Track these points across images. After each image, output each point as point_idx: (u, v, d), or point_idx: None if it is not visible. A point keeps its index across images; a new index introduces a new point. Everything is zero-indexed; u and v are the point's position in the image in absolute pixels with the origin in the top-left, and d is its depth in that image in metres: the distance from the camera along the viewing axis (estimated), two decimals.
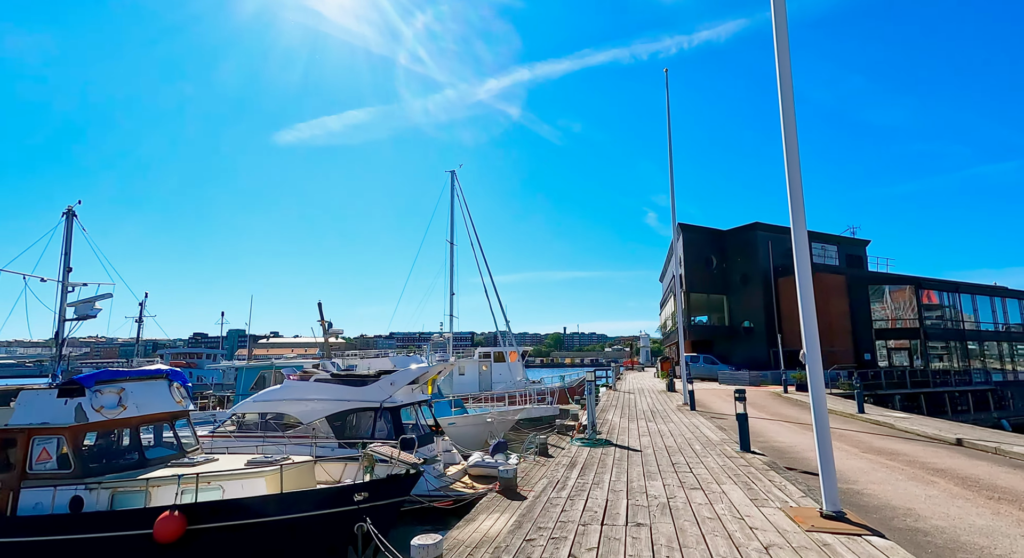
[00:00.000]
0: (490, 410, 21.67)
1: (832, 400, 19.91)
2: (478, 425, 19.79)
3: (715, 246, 38.48)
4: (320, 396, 13.95)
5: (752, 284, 36.58)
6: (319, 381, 14.33)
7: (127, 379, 9.56)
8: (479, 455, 14.30)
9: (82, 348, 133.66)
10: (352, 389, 13.91)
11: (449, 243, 28.39)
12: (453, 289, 27.93)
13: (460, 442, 19.61)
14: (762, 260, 36.32)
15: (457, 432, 19.60)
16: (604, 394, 24.13)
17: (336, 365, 24.89)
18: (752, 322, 36.49)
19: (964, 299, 34.82)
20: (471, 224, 28.13)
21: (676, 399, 20.69)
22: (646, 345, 73.48)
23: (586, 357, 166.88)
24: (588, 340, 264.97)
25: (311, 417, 13.76)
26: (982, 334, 35.15)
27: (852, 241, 40.59)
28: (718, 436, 11.07)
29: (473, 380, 36.87)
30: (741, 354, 36.43)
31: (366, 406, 13.60)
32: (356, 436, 13.49)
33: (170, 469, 8.77)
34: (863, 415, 14.99)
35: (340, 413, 13.68)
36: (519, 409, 20.56)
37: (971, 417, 25.35)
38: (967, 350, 33.81)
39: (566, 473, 7.67)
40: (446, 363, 15.25)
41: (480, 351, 38.43)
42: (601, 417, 14.75)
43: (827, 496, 5.09)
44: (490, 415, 19.87)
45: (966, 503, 5.93)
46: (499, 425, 20.04)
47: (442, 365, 15.15)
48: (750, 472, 7.46)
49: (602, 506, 5.80)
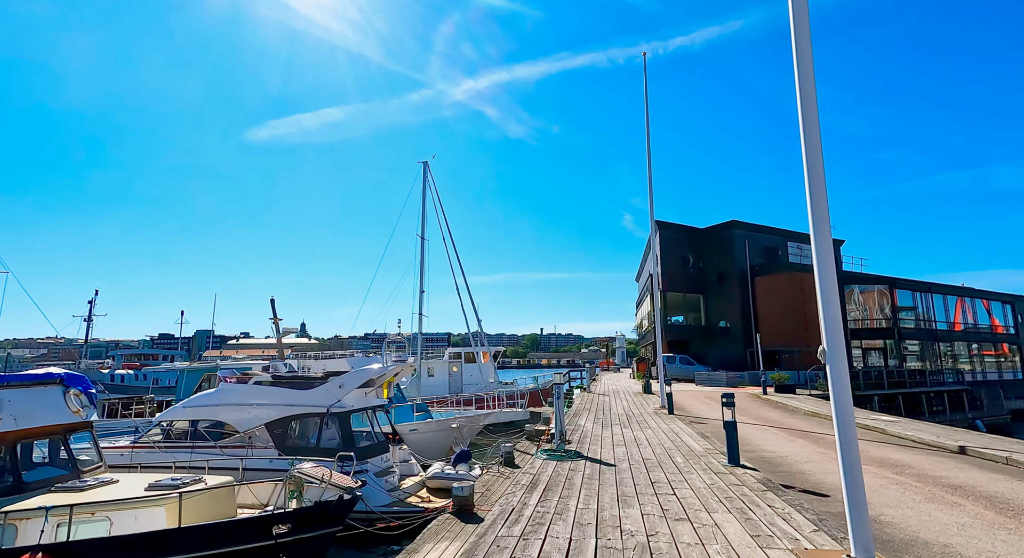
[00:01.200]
0: (456, 414, 20.33)
1: (812, 402, 19.15)
2: (442, 431, 18.42)
3: (692, 244, 37.83)
4: (259, 401, 12.44)
5: (729, 283, 36.01)
6: (259, 384, 12.80)
7: (4, 385, 7.94)
8: (439, 465, 13.00)
9: (39, 349, 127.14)
10: (295, 393, 12.44)
11: (420, 238, 26.95)
12: (423, 286, 26.48)
13: (423, 450, 18.21)
14: (739, 259, 35.77)
15: (419, 439, 18.20)
16: (578, 396, 23.01)
17: (288, 367, 23.21)
18: (729, 322, 35.92)
19: (936, 299, 34.84)
20: (443, 218, 26.77)
21: (653, 402, 19.66)
22: (622, 346, 73.13)
23: (563, 358, 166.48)
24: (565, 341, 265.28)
25: (248, 425, 12.25)
26: (952, 334, 35.25)
27: None
28: (701, 445, 9.96)
29: (443, 382, 35.38)
30: (717, 354, 35.81)
31: (311, 412, 12.18)
32: (300, 445, 12.05)
33: (52, 496, 7.21)
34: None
35: (281, 420, 12.21)
36: (486, 413, 19.27)
37: (947, 418, 25.03)
38: (939, 350, 33.81)
39: (524, 497, 6.40)
40: (404, 364, 13.86)
41: (450, 351, 36.99)
42: (572, 422, 13.56)
43: (857, 539, 3.93)
44: (455, 420, 18.53)
45: (1010, 535, 4.87)
46: (465, 431, 18.71)
47: (400, 367, 13.76)
48: (744, 494, 6.31)
49: (563, 549, 4.53)
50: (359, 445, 11.99)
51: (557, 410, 8.83)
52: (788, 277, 33.87)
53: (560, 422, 8.73)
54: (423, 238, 26.77)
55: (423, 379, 34.91)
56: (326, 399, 12.24)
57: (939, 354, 33.64)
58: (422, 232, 26.82)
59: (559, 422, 8.77)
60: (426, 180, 27.31)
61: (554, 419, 8.88)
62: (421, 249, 26.75)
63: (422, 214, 26.98)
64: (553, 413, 15.87)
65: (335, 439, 11.98)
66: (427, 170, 27.48)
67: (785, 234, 38.22)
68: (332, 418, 12.08)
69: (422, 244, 26.76)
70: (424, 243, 26.72)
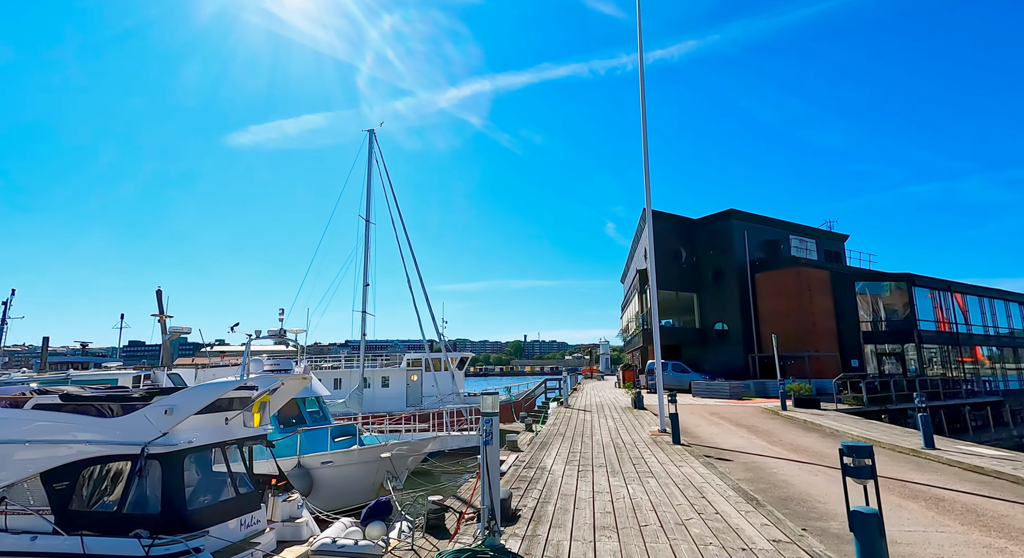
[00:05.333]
0: (391, 440, 15.77)
1: (850, 422, 14.97)
2: (368, 463, 13.84)
3: (685, 237, 33.79)
4: (32, 437, 7.78)
5: (726, 280, 31.99)
6: (39, 408, 8.14)
7: None
8: (339, 527, 8.60)
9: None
10: (93, 423, 7.80)
11: (364, 220, 22.34)
12: (367, 278, 21.86)
13: (341, 491, 13.56)
14: (737, 252, 31.80)
15: (336, 476, 13.58)
16: (553, 413, 18.59)
17: (177, 378, 18.42)
18: (727, 324, 31.85)
19: (955, 299, 31.22)
20: (392, 197, 22.23)
21: (647, 421, 15.34)
22: (606, 353, 69.14)
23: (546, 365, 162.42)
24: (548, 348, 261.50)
25: (16, 475, 7.63)
26: (973, 338, 31.65)
27: (830, 235, 36.77)
28: (756, 525, 5.57)
29: (399, 394, 30.68)
30: (714, 360, 31.70)
31: (116, 453, 7.55)
32: (93, 511, 7.46)
33: None
34: (934, 453, 9.89)
35: (65, 468, 7.57)
36: (429, 438, 14.76)
37: (991, 435, 21.16)
38: (961, 356, 30.15)
39: None
40: (292, 376, 9.29)
41: (409, 358, 32.34)
42: (534, 461, 9.12)
43: None
44: (387, 447, 13.99)
45: None
46: (400, 462, 14.16)
47: (283, 381, 9.21)
48: None
49: None
50: (197, 503, 7.56)
51: (485, 474, 4.51)
52: (793, 273, 29.95)
53: (491, 494, 4.44)
54: (368, 220, 22.17)
55: (375, 391, 30.22)
56: (142, 432, 7.61)
57: (961, 360, 29.98)
58: (367, 214, 22.23)
59: (489, 494, 4.48)
60: (372, 152, 22.79)
61: (480, 485, 4.58)
62: (366, 233, 22.15)
63: (367, 191, 22.39)
64: (526, 428, 11.65)
65: (152, 498, 7.40)
66: (373, 139, 22.95)
67: (787, 226, 34.42)
68: (153, 462, 7.50)
69: (367, 228, 22.16)
70: (369, 226, 22.15)
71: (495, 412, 4.92)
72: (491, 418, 4.85)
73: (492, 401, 4.95)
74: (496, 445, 4.88)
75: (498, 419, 4.94)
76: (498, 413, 4.95)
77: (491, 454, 4.80)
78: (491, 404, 4.92)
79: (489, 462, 4.78)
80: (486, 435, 4.81)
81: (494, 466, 4.84)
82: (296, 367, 10.26)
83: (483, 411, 4.92)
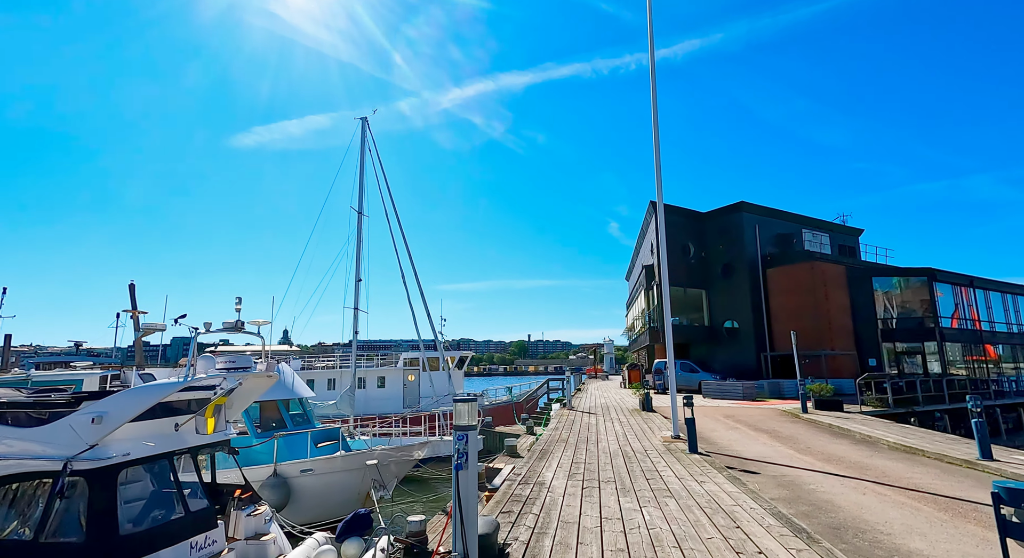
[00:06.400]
0: (379, 445, 14.55)
1: (883, 426, 13.67)
2: (352, 471, 12.62)
3: (693, 231, 32.43)
4: None
5: (737, 276, 30.62)
6: None
7: None
8: (311, 545, 7.52)
9: None
10: (6, 433, 6.62)
11: (356, 212, 21.15)
12: (360, 274, 20.67)
13: (321, 501, 12.36)
14: (748, 247, 30.44)
15: (316, 485, 12.37)
16: (555, 415, 17.34)
17: (149, 378, 17.22)
18: (737, 321, 30.49)
19: (978, 295, 29.79)
20: (386, 186, 21.01)
21: (657, 425, 14.08)
22: (610, 352, 67.90)
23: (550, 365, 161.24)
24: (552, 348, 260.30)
25: None
26: (996, 336, 30.19)
27: (844, 229, 35.33)
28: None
29: (395, 395, 29.45)
30: (724, 359, 30.36)
31: (33, 470, 6.37)
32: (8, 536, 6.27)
33: None
34: (994, 464, 8.60)
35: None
36: (419, 444, 13.53)
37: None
38: (985, 355, 28.72)
39: None
40: (254, 375, 8.04)
41: (406, 357, 31.12)
42: (531, 473, 7.89)
43: None
44: (374, 454, 12.77)
45: None
46: (388, 470, 12.96)
47: (244, 380, 8.00)
48: None
49: None
50: (135, 526, 6.44)
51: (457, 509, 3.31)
52: (807, 268, 28.53)
53: (465, 538, 3.24)
54: (360, 212, 20.97)
55: (371, 391, 29.00)
56: (65, 445, 6.41)
57: (974, 358, 28.54)
58: (359, 205, 21.03)
59: (462, 536, 3.27)
60: (364, 141, 21.58)
61: (452, 520, 3.36)
62: (358, 226, 20.93)
63: (359, 182, 21.19)
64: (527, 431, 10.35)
65: (76, 524, 6.21)
66: (366, 128, 21.75)
67: (800, 220, 33.03)
68: (82, 481, 6.31)
69: (359, 220, 20.95)
70: (362, 218, 20.94)
71: (472, 425, 3.68)
72: (466, 433, 3.61)
73: (468, 410, 3.70)
74: (473, 469, 3.65)
75: (476, 433, 3.71)
76: (476, 426, 3.72)
77: (466, 482, 3.57)
78: (466, 414, 3.68)
79: (463, 493, 3.55)
80: (459, 456, 3.58)
81: (470, 497, 3.60)
82: (259, 365, 9.09)
83: (457, 424, 3.69)
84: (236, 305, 9.09)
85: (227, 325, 8.42)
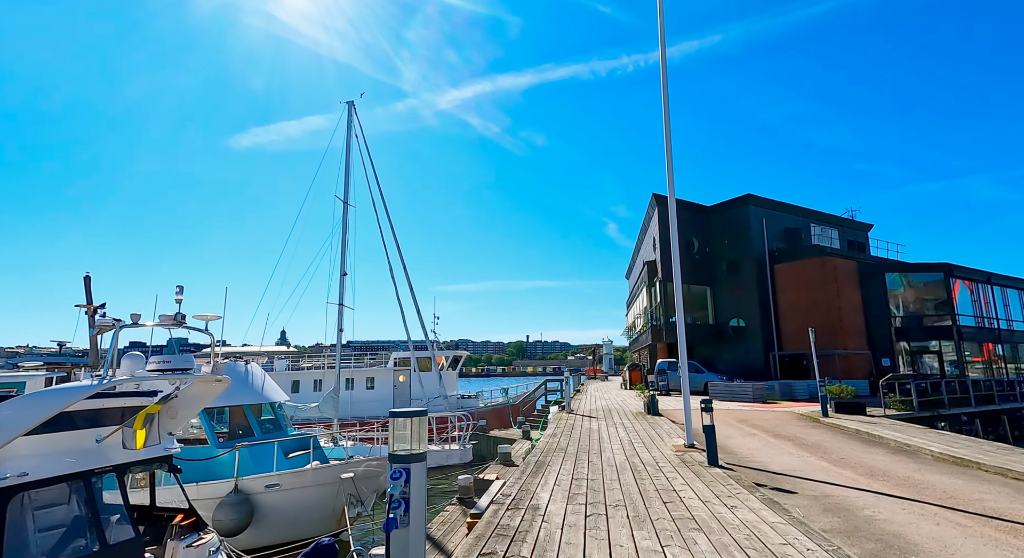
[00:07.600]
0: (358, 453, 13.19)
1: (919, 433, 12.32)
2: (325, 485, 11.23)
3: (697, 226, 31.07)
4: None
5: (743, 272, 29.30)
6: None
7: None
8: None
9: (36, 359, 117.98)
10: None
11: (341, 201, 19.76)
12: (345, 268, 19.28)
13: (290, 520, 10.90)
14: (755, 242, 29.10)
15: (285, 502, 10.92)
16: (553, 419, 15.98)
17: (104, 379, 15.80)
18: (743, 319, 29.15)
19: (996, 292, 28.52)
20: (374, 176, 19.63)
21: (666, 431, 12.74)
22: (609, 352, 66.52)
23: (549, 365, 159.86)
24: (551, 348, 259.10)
25: None
26: (1015, 334, 28.93)
27: (853, 224, 34.03)
28: None
29: (385, 396, 28.02)
30: (729, 359, 29.02)
31: None
32: None
33: None
34: None
35: None
36: None
37: None
38: (1004, 355, 27.47)
39: None
40: (199, 378, 6.65)
41: (396, 357, 29.70)
42: (523, 492, 6.53)
43: None
44: (350, 465, 11.39)
45: None
46: (367, 483, 11.56)
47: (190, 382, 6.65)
48: None
49: None
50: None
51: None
52: (817, 263, 27.20)
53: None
54: (346, 202, 19.58)
55: (359, 393, 27.58)
56: None
57: (1004, 359, 27.27)
58: (345, 195, 19.63)
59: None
60: (351, 126, 20.19)
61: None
62: (344, 217, 19.54)
63: (345, 170, 19.78)
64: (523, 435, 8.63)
65: None
66: (353, 112, 20.34)
67: (808, 214, 31.71)
68: None
69: (345, 210, 19.56)
70: (347, 208, 19.56)
71: (418, 453, 2.31)
72: (406, 468, 2.23)
73: (412, 429, 2.32)
74: (419, 525, 2.29)
75: (423, 466, 2.34)
76: (422, 454, 2.35)
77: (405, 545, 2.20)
78: (410, 436, 2.31)
79: None
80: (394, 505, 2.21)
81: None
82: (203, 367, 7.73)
83: (393, 452, 2.32)
84: (177, 295, 7.66)
85: (164, 319, 7.01)
